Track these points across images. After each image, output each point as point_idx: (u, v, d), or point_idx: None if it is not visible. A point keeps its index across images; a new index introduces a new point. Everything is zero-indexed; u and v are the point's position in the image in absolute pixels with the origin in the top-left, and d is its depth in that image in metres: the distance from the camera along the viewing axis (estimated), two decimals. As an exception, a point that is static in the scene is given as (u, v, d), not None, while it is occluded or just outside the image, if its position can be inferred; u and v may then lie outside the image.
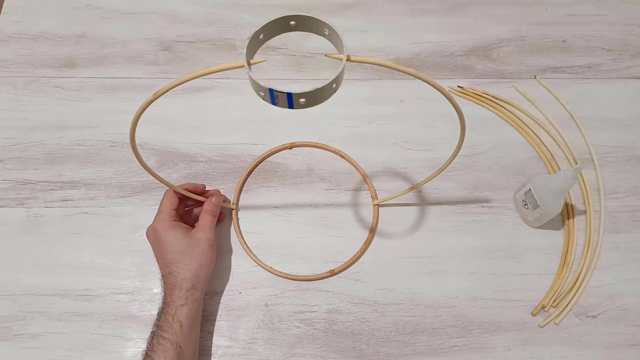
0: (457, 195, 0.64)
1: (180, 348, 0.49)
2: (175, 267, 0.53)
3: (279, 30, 0.37)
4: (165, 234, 0.54)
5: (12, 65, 0.71)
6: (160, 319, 0.51)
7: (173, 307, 0.51)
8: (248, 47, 0.35)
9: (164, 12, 0.76)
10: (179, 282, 0.52)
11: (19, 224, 0.62)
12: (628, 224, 0.63)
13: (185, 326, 0.50)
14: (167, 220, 0.54)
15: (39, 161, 0.65)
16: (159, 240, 0.54)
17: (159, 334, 0.50)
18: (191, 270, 0.52)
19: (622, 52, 0.74)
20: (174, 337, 0.49)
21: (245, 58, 0.34)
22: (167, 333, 0.49)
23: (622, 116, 0.70)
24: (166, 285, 0.53)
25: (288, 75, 0.71)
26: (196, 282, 0.52)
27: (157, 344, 0.49)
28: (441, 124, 0.69)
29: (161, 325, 0.50)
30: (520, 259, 0.61)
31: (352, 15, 0.76)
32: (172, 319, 0.50)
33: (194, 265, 0.53)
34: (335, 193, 0.64)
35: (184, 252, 0.53)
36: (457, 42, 0.75)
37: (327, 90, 0.35)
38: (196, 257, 0.53)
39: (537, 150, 0.67)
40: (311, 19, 0.36)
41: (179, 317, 0.50)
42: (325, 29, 0.37)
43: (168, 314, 0.51)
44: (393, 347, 0.56)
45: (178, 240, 0.53)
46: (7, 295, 0.58)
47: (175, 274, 0.52)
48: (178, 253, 0.53)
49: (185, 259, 0.53)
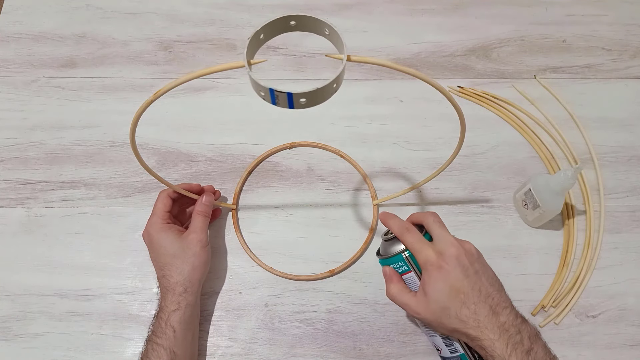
0: (457, 195, 0.64)
1: (174, 353, 0.49)
2: (168, 270, 0.52)
3: (279, 30, 0.37)
4: (158, 237, 0.53)
5: (12, 65, 0.71)
6: (154, 324, 0.51)
7: (166, 312, 0.50)
8: (248, 47, 0.35)
9: (164, 12, 0.76)
10: (171, 285, 0.52)
11: (19, 223, 0.62)
12: (628, 224, 0.63)
13: (178, 331, 0.50)
14: (160, 223, 0.54)
15: (39, 161, 0.65)
16: (152, 243, 0.54)
17: (153, 339, 0.49)
18: (183, 274, 0.52)
19: (622, 52, 0.74)
20: (168, 343, 0.49)
21: (246, 58, 0.34)
22: (161, 339, 0.49)
23: (622, 116, 0.70)
24: (161, 289, 0.53)
25: (288, 75, 0.71)
26: (189, 285, 0.52)
27: (151, 349, 0.49)
28: (441, 124, 0.69)
29: (155, 331, 0.50)
30: (520, 259, 0.61)
31: (352, 15, 0.76)
32: (165, 324, 0.50)
33: (186, 268, 0.52)
34: (335, 193, 0.64)
35: (176, 255, 0.52)
36: (457, 42, 0.75)
37: (328, 90, 0.35)
38: (188, 260, 0.52)
39: (537, 150, 0.67)
40: (311, 19, 0.36)
41: (171, 322, 0.50)
42: (325, 29, 0.37)
43: (161, 319, 0.50)
44: (393, 347, 0.56)
45: (170, 242, 0.53)
46: (7, 295, 0.58)
47: (168, 277, 0.52)
48: (170, 256, 0.52)
49: (177, 261, 0.52)
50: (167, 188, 0.55)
